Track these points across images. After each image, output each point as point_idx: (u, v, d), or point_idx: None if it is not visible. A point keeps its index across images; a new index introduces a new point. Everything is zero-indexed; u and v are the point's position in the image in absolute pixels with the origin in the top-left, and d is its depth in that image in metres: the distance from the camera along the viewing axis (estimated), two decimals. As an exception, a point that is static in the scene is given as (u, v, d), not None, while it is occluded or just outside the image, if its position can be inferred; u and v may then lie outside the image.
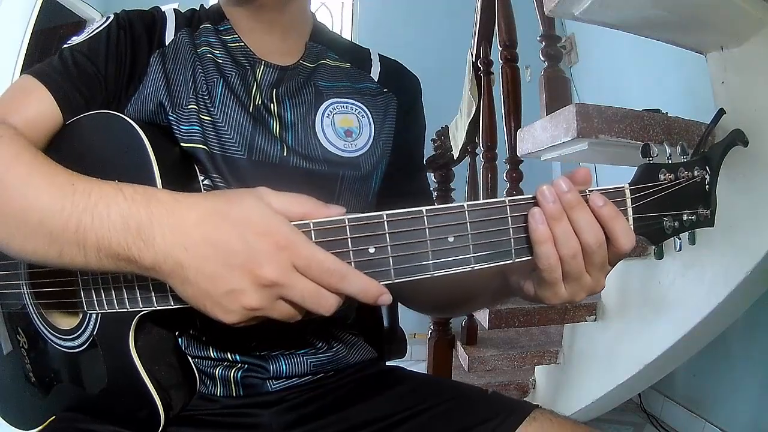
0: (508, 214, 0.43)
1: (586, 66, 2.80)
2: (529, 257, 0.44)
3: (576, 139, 1.02)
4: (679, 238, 0.47)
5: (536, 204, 0.43)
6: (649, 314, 1.31)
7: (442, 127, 2.14)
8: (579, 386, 1.56)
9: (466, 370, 1.65)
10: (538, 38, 1.43)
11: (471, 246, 0.43)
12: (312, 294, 0.40)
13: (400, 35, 2.89)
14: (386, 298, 0.41)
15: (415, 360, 2.25)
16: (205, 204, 0.40)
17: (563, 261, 0.43)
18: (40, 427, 0.60)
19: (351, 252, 0.41)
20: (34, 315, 0.60)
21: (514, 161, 1.51)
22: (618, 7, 1.02)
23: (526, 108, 1.53)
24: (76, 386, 0.58)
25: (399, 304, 0.87)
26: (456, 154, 2.01)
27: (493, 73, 1.84)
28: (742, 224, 1.01)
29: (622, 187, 0.45)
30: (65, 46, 0.60)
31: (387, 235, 0.42)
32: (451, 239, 0.42)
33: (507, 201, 0.43)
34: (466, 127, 1.94)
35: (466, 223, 0.43)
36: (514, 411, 0.59)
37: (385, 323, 0.87)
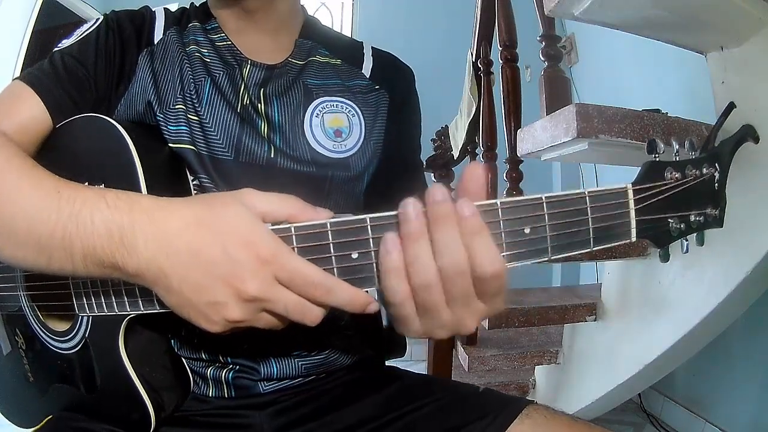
0: (500, 218, 0.40)
1: (586, 66, 2.80)
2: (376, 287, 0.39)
3: (576, 139, 1.02)
4: (686, 240, 0.45)
5: (528, 207, 0.40)
6: (649, 314, 1.31)
7: (442, 127, 2.14)
8: (579, 386, 1.56)
9: (466, 370, 1.64)
10: (538, 38, 1.43)
11: None
12: (296, 307, 0.39)
13: (400, 35, 2.88)
14: (373, 307, 0.40)
15: (415, 360, 2.25)
16: (188, 211, 0.40)
17: (414, 292, 0.38)
18: (38, 426, 0.60)
19: (333, 257, 0.40)
20: (30, 317, 0.60)
21: (514, 161, 1.51)
22: (618, 7, 1.02)
23: (526, 108, 1.53)
24: (72, 387, 0.58)
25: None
26: (456, 154, 2.01)
27: (493, 73, 1.84)
28: (742, 224, 1.01)
29: (625, 187, 0.42)
30: (56, 49, 0.60)
31: (371, 239, 0.40)
32: None
33: (498, 203, 0.41)
34: (466, 127, 1.94)
35: None
36: (507, 408, 0.58)
37: (385, 323, 0.86)
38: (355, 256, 0.40)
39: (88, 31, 0.61)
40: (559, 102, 1.30)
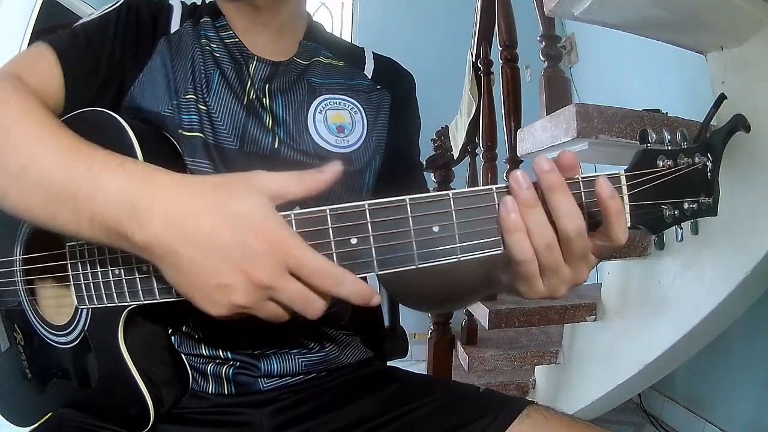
0: (496, 202, 0.41)
1: (586, 66, 2.80)
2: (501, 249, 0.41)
3: (576, 139, 1.02)
4: (681, 228, 0.45)
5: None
6: (649, 314, 1.31)
7: (442, 127, 2.14)
8: (579, 386, 1.56)
9: (466, 370, 1.64)
10: (538, 38, 1.44)
11: (457, 235, 0.41)
12: (301, 298, 0.39)
13: (400, 35, 2.89)
14: (376, 299, 0.41)
15: (415, 360, 2.25)
16: (205, 193, 0.40)
17: (537, 252, 0.41)
18: (36, 425, 0.60)
19: (333, 243, 0.40)
20: (29, 311, 0.60)
21: (514, 161, 1.50)
22: (618, 7, 1.02)
23: (526, 108, 1.53)
24: (70, 382, 0.58)
25: (400, 303, 0.87)
26: (456, 154, 2.01)
27: (493, 73, 1.84)
28: (742, 224, 1.01)
29: (618, 173, 0.43)
30: (76, 24, 0.62)
31: (369, 224, 0.40)
32: (435, 228, 0.41)
33: (494, 188, 0.41)
34: (466, 127, 1.94)
35: (452, 211, 0.41)
36: (507, 408, 0.59)
37: (386, 323, 0.86)
38: (354, 241, 0.40)
39: (108, 10, 0.63)
40: (559, 102, 1.30)
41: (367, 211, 0.40)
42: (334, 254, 0.40)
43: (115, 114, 0.53)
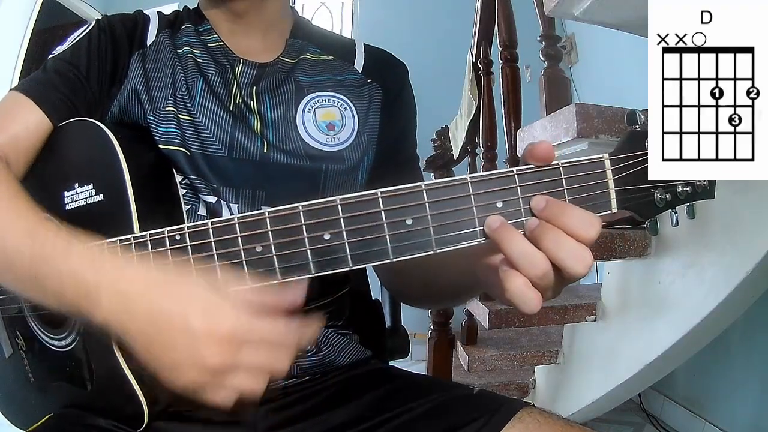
0: (471, 192, 0.40)
1: (586, 66, 2.80)
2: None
3: (576, 139, 1.02)
4: (675, 212, 0.43)
5: (500, 180, 0.40)
6: (649, 314, 1.31)
7: (442, 127, 2.14)
8: (579, 386, 1.56)
9: (466, 370, 1.65)
10: (538, 38, 1.44)
11: (431, 228, 0.40)
12: (264, 365, 0.39)
13: (400, 35, 2.88)
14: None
15: (415, 360, 2.25)
16: (153, 273, 0.41)
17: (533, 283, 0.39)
18: (37, 424, 0.61)
19: (306, 239, 0.40)
20: (29, 317, 0.61)
21: (514, 161, 1.51)
22: (618, 7, 1.02)
23: (526, 108, 1.53)
24: (70, 384, 0.58)
25: (401, 303, 0.87)
26: (456, 154, 2.02)
27: (493, 73, 1.84)
28: (743, 224, 1.01)
29: (601, 157, 0.41)
30: (49, 57, 0.62)
31: (342, 219, 0.40)
32: (409, 221, 0.40)
33: (468, 178, 0.40)
34: (466, 127, 1.95)
35: (425, 203, 0.40)
36: (500, 410, 0.58)
37: (388, 322, 0.86)
38: (327, 237, 0.40)
39: (80, 36, 0.63)
40: (559, 102, 1.30)
41: (339, 206, 0.40)
42: (308, 251, 0.40)
43: (104, 126, 0.54)
